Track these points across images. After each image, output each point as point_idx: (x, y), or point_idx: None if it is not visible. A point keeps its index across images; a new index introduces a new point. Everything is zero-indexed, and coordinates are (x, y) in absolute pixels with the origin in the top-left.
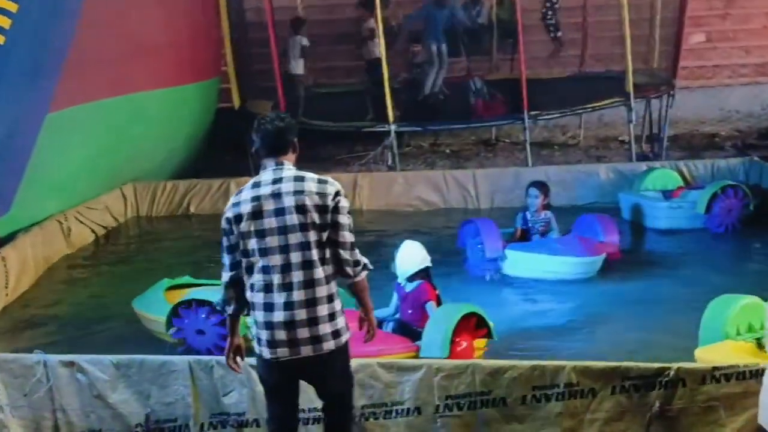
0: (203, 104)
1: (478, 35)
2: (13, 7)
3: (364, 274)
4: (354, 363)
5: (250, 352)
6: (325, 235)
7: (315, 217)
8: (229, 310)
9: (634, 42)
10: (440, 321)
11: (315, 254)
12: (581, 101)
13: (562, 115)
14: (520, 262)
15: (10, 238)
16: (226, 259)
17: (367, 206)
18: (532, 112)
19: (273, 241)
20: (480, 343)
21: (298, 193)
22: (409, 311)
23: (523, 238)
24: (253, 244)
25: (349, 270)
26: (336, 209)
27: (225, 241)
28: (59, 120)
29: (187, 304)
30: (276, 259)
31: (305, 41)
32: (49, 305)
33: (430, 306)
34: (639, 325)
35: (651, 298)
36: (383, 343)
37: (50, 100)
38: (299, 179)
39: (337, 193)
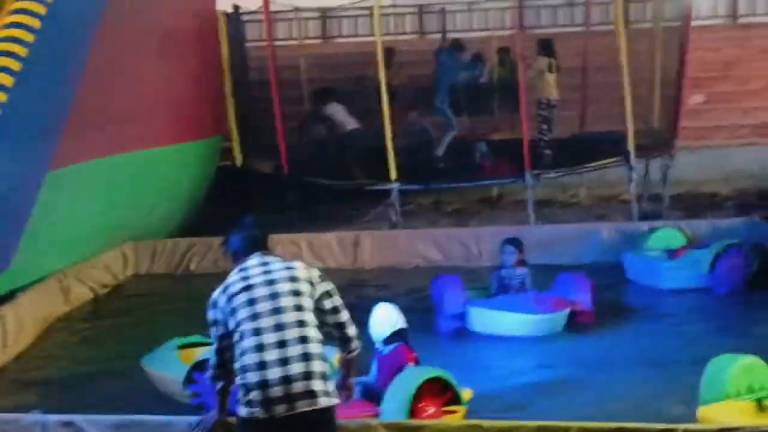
0: (205, 162)
1: (480, 94)
2: (16, 66)
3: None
4: (354, 424)
5: None
6: (313, 306)
7: (305, 288)
8: (219, 385)
9: (635, 102)
10: (400, 386)
11: (307, 315)
12: (582, 160)
13: (564, 174)
14: (481, 319)
15: (9, 295)
16: (215, 345)
17: (369, 264)
18: (534, 171)
19: (265, 306)
20: (459, 408)
21: (289, 269)
22: (386, 375)
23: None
24: (244, 313)
25: (353, 345)
26: (328, 293)
27: (214, 330)
28: (60, 178)
29: (201, 368)
30: (269, 321)
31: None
32: (48, 364)
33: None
34: (636, 382)
35: (651, 357)
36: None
37: (51, 157)
38: (287, 262)
39: (321, 277)
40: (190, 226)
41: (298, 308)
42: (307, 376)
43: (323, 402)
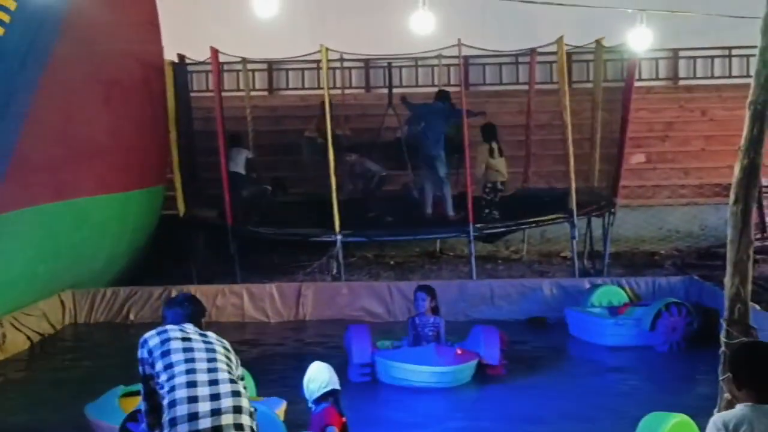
0: (147, 211)
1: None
2: None
3: None
4: None
5: None
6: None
7: (234, 359)
8: None
9: (577, 161)
10: None
11: (237, 380)
12: (525, 216)
13: (507, 229)
14: (386, 370)
15: None
16: (143, 389)
17: (310, 316)
18: (477, 225)
19: (201, 362)
20: None
21: (223, 346)
22: None
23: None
24: (178, 356)
25: None
26: (241, 377)
27: (141, 370)
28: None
29: (134, 418)
30: (203, 376)
31: (249, 153)
32: None
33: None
34: None
35: (583, 412)
36: None
37: None
38: (220, 338)
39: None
40: (132, 274)
41: (230, 372)
42: (237, 410)
43: None
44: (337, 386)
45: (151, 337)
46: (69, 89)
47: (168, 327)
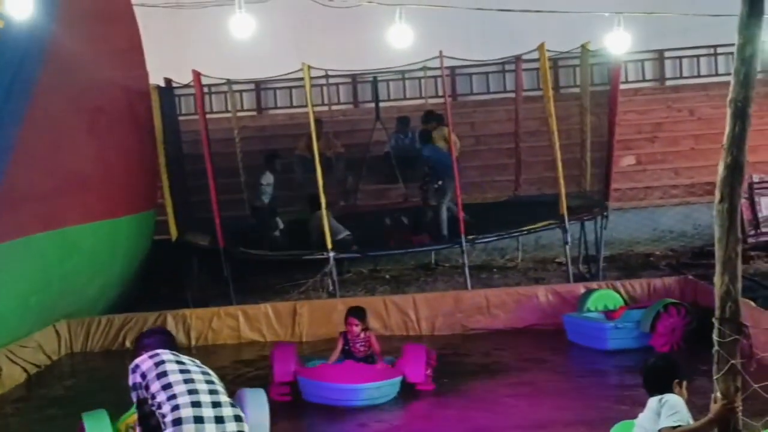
0: (139, 237)
1: (414, 162)
2: None
3: None
4: None
5: None
6: None
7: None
8: None
9: (567, 166)
10: None
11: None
12: (517, 224)
13: (499, 238)
14: (306, 389)
15: None
16: (138, 413)
17: (306, 335)
18: (470, 237)
19: (201, 384)
20: None
21: (206, 368)
22: None
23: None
24: (176, 377)
25: None
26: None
27: (134, 396)
28: None
29: None
30: (206, 397)
31: (270, 178)
32: None
33: None
34: None
35: (580, 418)
36: None
37: None
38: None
39: None
40: (126, 301)
41: (225, 395)
42: (239, 418)
43: None
44: None
45: (143, 362)
46: (55, 118)
47: (159, 351)
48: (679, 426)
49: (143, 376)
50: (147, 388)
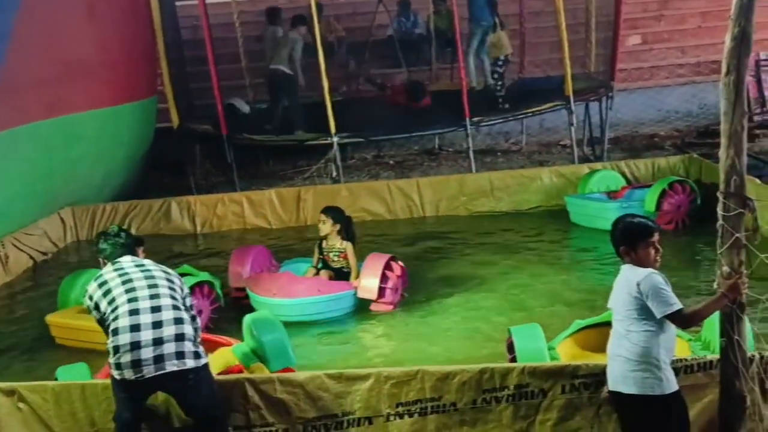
0: (141, 124)
1: (417, 46)
2: None
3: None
4: (302, 375)
5: None
6: (184, 301)
7: (177, 281)
8: None
9: (572, 47)
10: None
11: (179, 303)
12: (522, 107)
13: (504, 120)
14: (252, 299)
15: None
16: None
17: (311, 220)
18: (474, 119)
19: (143, 290)
20: None
21: (160, 266)
22: None
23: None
24: (119, 291)
25: (199, 335)
26: (187, 293)
27: (96, 314)
28: None
29: None
30: (145, 303)
31: (296, 35)
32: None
33: None
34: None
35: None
36: None
37: None
38: (158, 264)
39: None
40: (130, 189)
41: (173, 297)
42: (179, 338)
43: (191, 363)
44: None
45: (93, 290)
46: (51, 5)
47: (103, 272)
48: (681, 309)
49: (91, 298)
50: (98, 308)
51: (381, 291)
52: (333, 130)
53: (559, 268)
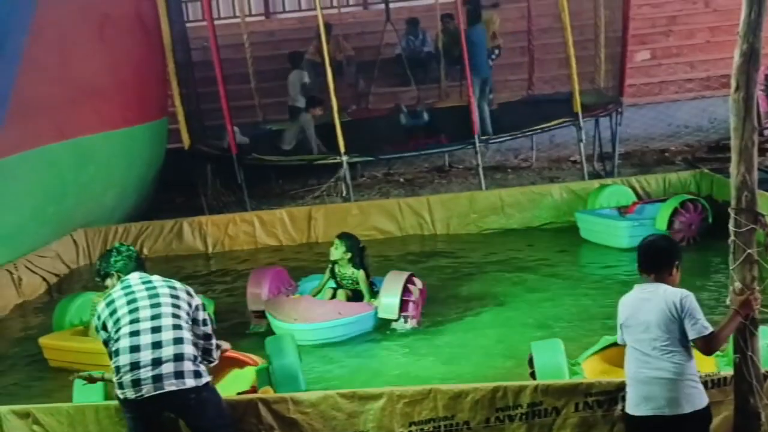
0: (152, 145)
1: (425, 64)
2: None
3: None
4: (315, 395)
5: None
6: (190, 318)
7: (184, 296)
8: None
9: (580, 62)
10: None
11: (183, 321)
12: (531, 123)
13: (513, 137)
14: (280, 331)
15: None
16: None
17: (322, 238)
18: (483, 137)
19: (145, 310)
20: None
21: (168, 281)
22: None
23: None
24: (123, 311)
25: (213, 355)
26: (202, 305)
27: (103, 335)
28: (4, 168)
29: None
30: (146, 324)
31: (306, 78)
32: (3, 357)
33: None
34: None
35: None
36: None
37: None
38: (166, 279)
39: (193, 294)
40: (142, 210)
41: (176, 316)
42: (178, 357)
43: (191, 383)
44: None
45: (102, 309)
46: (61, 28)
47: (112, 291)
48: (711, 332)
49: (99, 317)
50: (105, 328)
51: (404, 304)
52: (342, 149)
53: (574, 285)
